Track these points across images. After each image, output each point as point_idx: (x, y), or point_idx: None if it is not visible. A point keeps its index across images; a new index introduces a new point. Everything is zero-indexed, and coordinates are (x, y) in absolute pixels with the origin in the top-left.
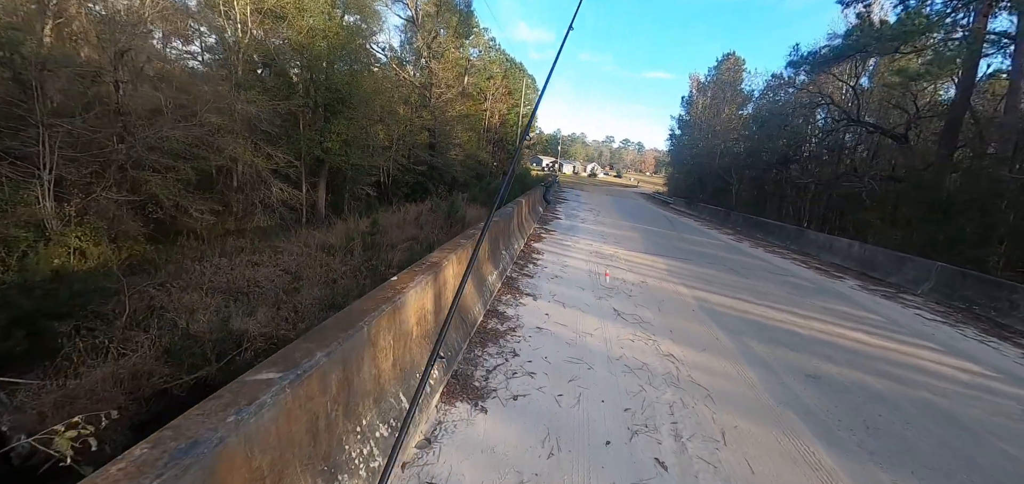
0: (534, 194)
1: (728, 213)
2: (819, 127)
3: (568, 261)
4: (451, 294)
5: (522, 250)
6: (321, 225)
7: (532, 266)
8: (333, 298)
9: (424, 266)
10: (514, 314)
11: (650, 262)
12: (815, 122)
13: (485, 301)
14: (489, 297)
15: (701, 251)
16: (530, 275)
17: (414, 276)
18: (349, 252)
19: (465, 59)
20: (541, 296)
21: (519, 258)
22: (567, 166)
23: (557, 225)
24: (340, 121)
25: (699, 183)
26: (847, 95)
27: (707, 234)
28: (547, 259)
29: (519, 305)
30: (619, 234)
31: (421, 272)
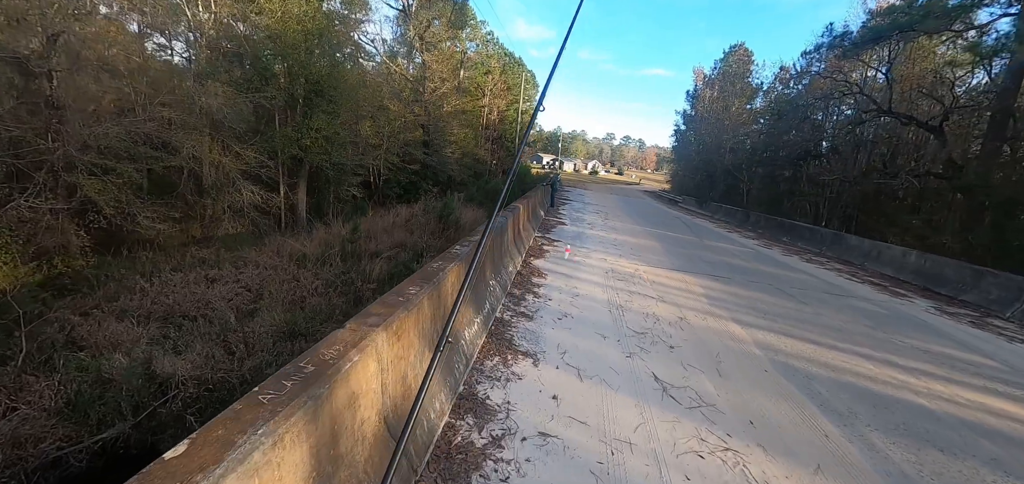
0: (534, 196)
1: (747, 214)
2: (841, 119)
3: (579, 288)
4: (408, 381)
5: (519, 271)
6: (301, 231)
7: (531, 298)
8: (294, 324)
9: (372, 322)
10: (501, 402)
11: (681, 282)
12: (840, 114)
13: (457, 379)
14: (464, 370)
15: (731, 262)
16: (528, 315)
17: (363, 339)
18: (325, 263)
19: (460, 52)
20: (544, 356)
21: (514, 285)
22: (568, 164)
23: (562, 233)
24: (319, 116)
25: (708, 180)
26: (871, 84)
27: (729, 238)
28: (551, 285)
29: (510, 379)
30: (635, 243)
31: (367, 334)
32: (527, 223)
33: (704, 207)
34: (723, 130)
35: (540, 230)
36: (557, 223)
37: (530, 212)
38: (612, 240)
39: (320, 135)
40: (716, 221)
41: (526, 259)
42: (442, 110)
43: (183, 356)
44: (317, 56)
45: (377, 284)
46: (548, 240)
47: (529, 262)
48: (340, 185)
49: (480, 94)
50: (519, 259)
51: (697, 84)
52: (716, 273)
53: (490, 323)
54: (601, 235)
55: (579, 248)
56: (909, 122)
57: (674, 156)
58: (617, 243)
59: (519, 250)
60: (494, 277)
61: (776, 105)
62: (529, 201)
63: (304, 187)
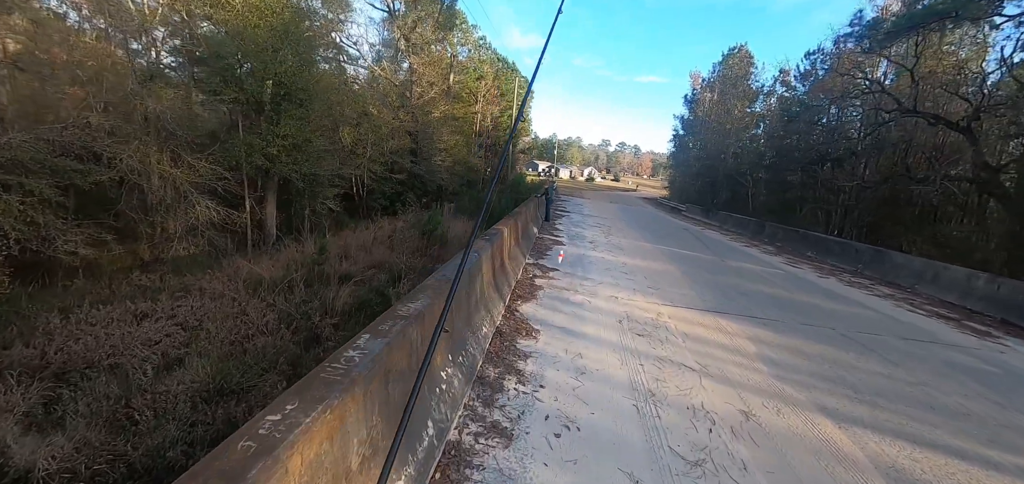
0: (526, 211)
1: (761, 224)
2: (852, 120)
3: (585, 354)
4: None
5: (499, 328)
6: (270, 249)
7: (513, 386)
8: (226, 378)
9: None
10: None
11: (720, 331)
12: (851, 115)
13: None
14: None
15: (767, 292)
16: (504, 429)
17: None
18: (286, 289)
19: (450, 56)
20: None
21: (490, 356)
22: (564, 171)
23: (558, 254)
24: (287, 122)
25: (710, 186)
26: (892, 83)
27: (749, 255)
28: (544, 354)
29: None
30: (647, 268)
31: None
32: (515, 247)
33: (710, 216)
34: (725, 134)
35: (532, 254)
36: (553, 242)
37: (520, 232)
38: (620, 265)
39: (288, 143)
40: (727, 232)
41: (511, 303)
42: (430, 116)
43: (55, 435)
44: (283, 55)
45: (340, 318)
46: (542, 269)
47: (515, 309)
48: (315, 198)
49: (473, 100)
50: (500, 306)
51: (694, 88)
52: (758, 312)
53: (433, 466)
54: (606, 258)
55: (582, 279)
56: (937, 122)
57: (672, 162)
58: (627, 269)
59: (502, 291)
60: (453, 361)
61: (786, 106)
62: (519, 219)
63: (273, 201)
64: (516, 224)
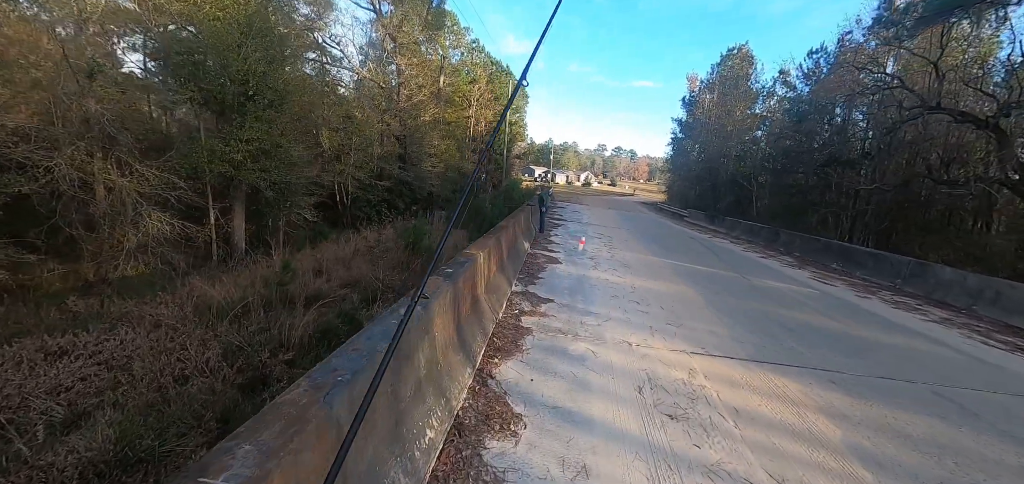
0: (515, 224)
1: (775, 232)
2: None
3: (593, 470)
4: None
5: (458, 417)
6: (235, 266)
7: None
8: (134, 441)
9: None
10: None
11: (780, 401)
12: (868, 113)
13: None
14: None
15: (811, 321)
16: None
17: None
18: (242, 314)
19: (440, 57)
20: None
21: None
22: (560, 176)
23: (553, 278)
24: (252, 125)
25: (711, 191)
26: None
27: (771, 270)
28: (526, 471)
29: None
30: (662, 292)
31: None
32: (497, 275)
33: (716, 222)
34: (726, 136)
35: (521, 277)
36: (547, 259)
37: (505, 252)
38: (628, 290)
39: (253, 148)
40: (738, 241)
41: (485, 362)
42: (419, 120)
43: None
44: (247, 51)
45: (296, 351)
46: (532, 300)
47: (489, 374)
48: (288, 208)
49: (466, 104)
50: (467, 373)
51: (692, 90)
52: (815, 358)
53: None
54: (611, 280)
55: (584, 313)
56: (963, 120)
57: (670, 166)
58: (637, 295)
59: (470, 347)
60: None
61: (794, 106)
62: (505, 235)
63: (242, 212)
64: (500, 243)
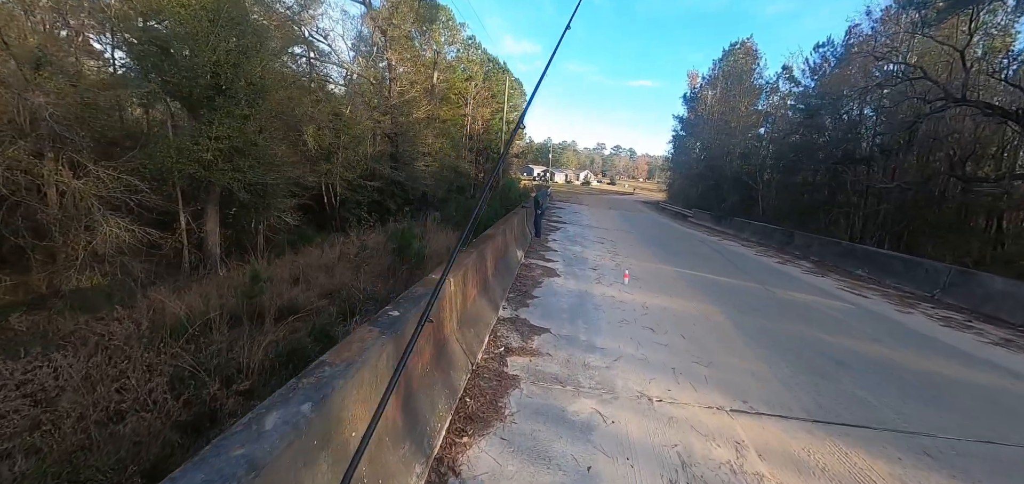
0: (506, 232)
1: (788, 234)
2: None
3: None
4: None
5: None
6: (207, 274)
7: None
8: None
9: None
10: None
11: None
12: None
13: None
14: None
15: (867, 353)
16: None
17: None
18: (202, 332)
19: (434, 52)
20: None
21: None
22: (559, 175)
23: (550, 296)
24: (223, 121)
25: (714, 190)
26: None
27: (795, 279)
28: None
29: None
30: (679, 312)
31: None
32: (479, 301)
33: (723, 223)
34: (730, 133)
35: (512, 296)
36: (544, 271)
37: (490, 270)
38: (640, 310)
39: (224, 146)
40: (749, 243)
41: (448, 442)
42: (411, 117)
43: None
44: (216, 40)
45: (256, 379)
46: (523, 331)
47: (452, 467)
48: (266, 211)
49: (462, 102)
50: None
51: (693, 87)
52: (889, 411)
53: None
54: (617, 297)
55: (587, 350)
56: (990, 113)
57: (671, 164)
58: (651, 318)
59: (423, 434)
60: None
61: (804, 101)
62: (491, 247)
63: (215, 216)
64: (484, 259)
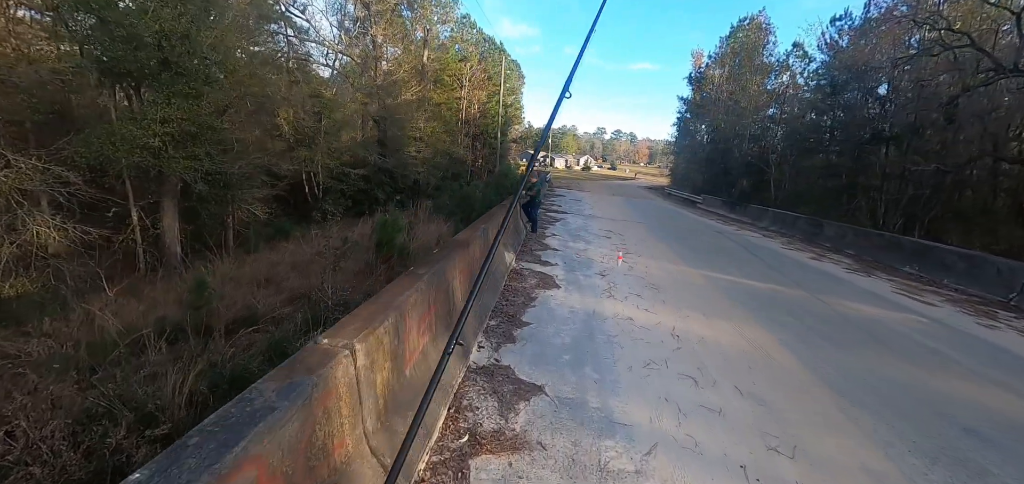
0: (493, 229)
1: (817, 223)
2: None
3: None
4: None
5: None
6: (168, 275)
7: None
8: None
9: None
10: None
11: None
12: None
13: None
14: None
15: (999, 411)
16: None
17: None
18: (136, 351)
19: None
20: None
21: None
22: (559, 160)
23: (545, 322)
24: (175, 102)
25: (723, 174)
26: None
27: (841, 280)
28: None
29: None
30: (724, 344)
31: None
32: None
33: (737, 210)
34: (740, 114)
35: (495, 324)
36: (539, 281)
37: (458, 293)
38: (670, 342)
39: (173, 129)
40: (771, 234)
41: None
42: (400, 99)
43: None
44: (158, 8)
45: (176, 422)
46: (502, 394)
47: None
48: (229, 203)
49: (457, 85)
50: None
51: (697, 67)
52: None
53: None
54: (638, 320)
55: (603, 430)
56: None
57: (676, 147)
58: (687, 356)
59: None
60: None
61: (827, 75)
62: (461, 258)
63: (173, 210)
64: (445, 286)
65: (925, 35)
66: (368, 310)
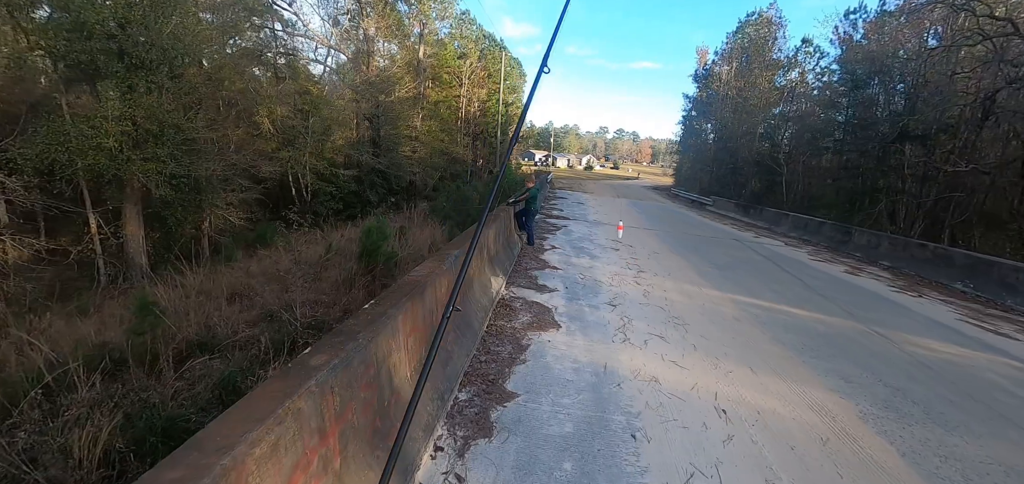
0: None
1: (846, 230)
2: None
3: None
4: None
5: None
6: (126, 289)
7: None
8: None
9: None
10: None
11: None
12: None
13: None
14: None
15: None
16: None
17: None
18: (66, 387)
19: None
20: None
21: None
22: (561, 159)
23: (538, 391)
24: (127, 98)
25: (731, 174)
26: None
27: (891, 303)
28: None
29: None
30: (788, 425)
31: None
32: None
33: (752, 214)
34: (750, 112)
35: (462, 405)
36: (532, 318)
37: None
38: (717, 428)
39: (130, 130)
40: (792, 241)
41: None
42: (394, 96)
43: None
44: None
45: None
46: None
47: None
48: (198, 209)
49: (456, 82)
50: None
51: (703, 65)
52: None
53: None
54: (666, 383)
55: None
56: None
57: (681, 147)
58: (742, 455)
59: None
60: None
61: (846, 70)
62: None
63: (137, 217)
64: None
65: (959, 23)
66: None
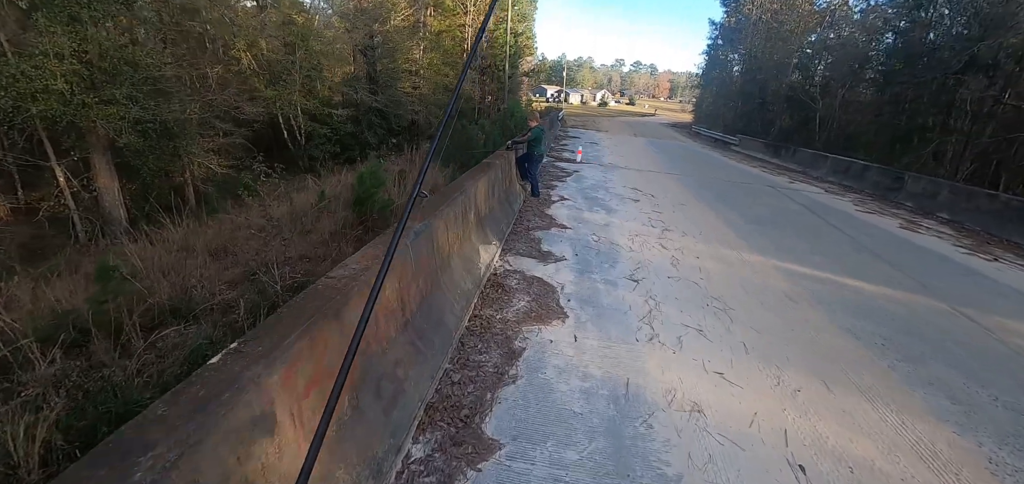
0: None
1: (899, 176)
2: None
3: None
4: None
5: None
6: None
7: None
8: None
9: None
10: None
11: None
12: None
13: None
14: None
15: None
16: None
17: None
18: (20, 363)
19: None
20: None
21: None
22: (574, 95)
23: (538, 417)
24: (66, 28)
25: (760, 109)
26: None
27: (986, 280)
28: None
29: None
30: None
31: None
32: None
33: (783, 155)
34: (786, 39)
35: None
36: (532, 299)
37: None
38: (790, 476)
39: (77, 67)
40: (832, 188)
41: None
42: (389, 25)
43: None
44: None
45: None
46: None
47: None
48: (173, 156)
49: (461, 10)
50: None
51: None
52: None
53: None
54: (715, 405)
55: None
56: None
57: (703, 80)
58: None
59: None
60: None
61: None
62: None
63: (109, 168)
64: None
65: None
66: None
